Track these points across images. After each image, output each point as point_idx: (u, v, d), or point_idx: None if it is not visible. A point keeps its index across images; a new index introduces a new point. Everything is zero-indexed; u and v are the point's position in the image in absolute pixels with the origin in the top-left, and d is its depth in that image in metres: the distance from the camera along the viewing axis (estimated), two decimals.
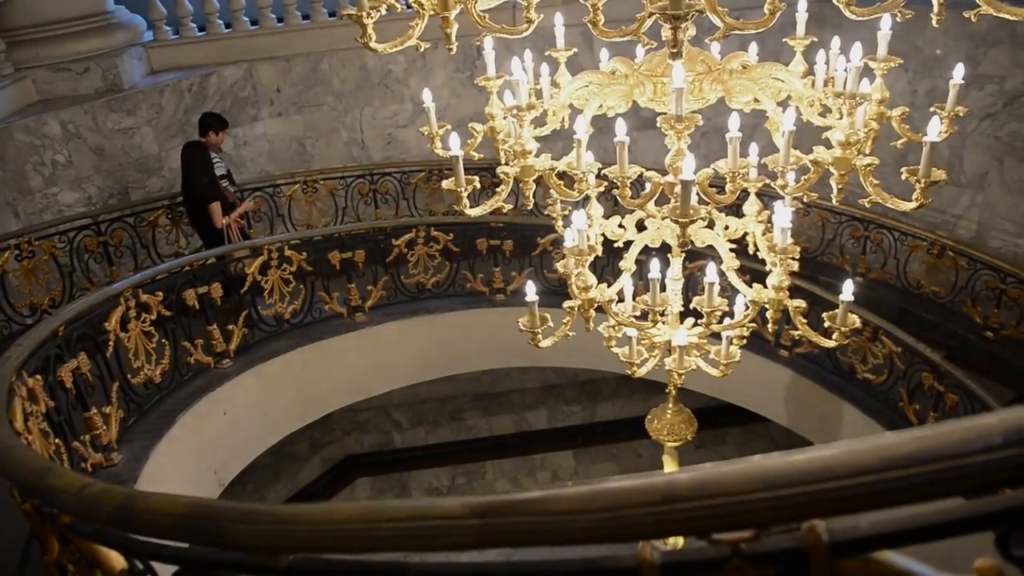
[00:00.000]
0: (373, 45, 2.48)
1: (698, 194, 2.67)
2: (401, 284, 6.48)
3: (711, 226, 3.01)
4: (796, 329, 3.07)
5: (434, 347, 6.68)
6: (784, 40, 2.82)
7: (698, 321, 3.18)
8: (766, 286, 2.87)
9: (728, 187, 2.52)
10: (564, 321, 3.23)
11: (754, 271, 2.99)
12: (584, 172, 2.66)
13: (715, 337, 3.26)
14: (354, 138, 8.54)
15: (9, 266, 6.28)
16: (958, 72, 2.46)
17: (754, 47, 2.81)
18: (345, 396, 6.51)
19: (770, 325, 3.01)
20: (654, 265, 2.91)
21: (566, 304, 3.20)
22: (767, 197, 3.08)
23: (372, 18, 2.44)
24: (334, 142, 8.52)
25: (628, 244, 3.14)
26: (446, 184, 2.77)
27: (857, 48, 2.36)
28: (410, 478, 9.24)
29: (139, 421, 4.86)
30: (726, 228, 3.04)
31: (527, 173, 2.79)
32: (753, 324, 3.14)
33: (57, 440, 3.81)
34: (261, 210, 7.78)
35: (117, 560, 1.63)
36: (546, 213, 3.26)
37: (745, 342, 3.42)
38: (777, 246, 2.73)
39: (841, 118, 2.56)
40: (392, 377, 6.69)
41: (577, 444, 9.49)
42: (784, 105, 2.62)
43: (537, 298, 3.09)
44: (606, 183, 2.79)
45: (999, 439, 0.75)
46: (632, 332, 3.40)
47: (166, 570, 1.50)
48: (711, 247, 3.01)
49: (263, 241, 5.85)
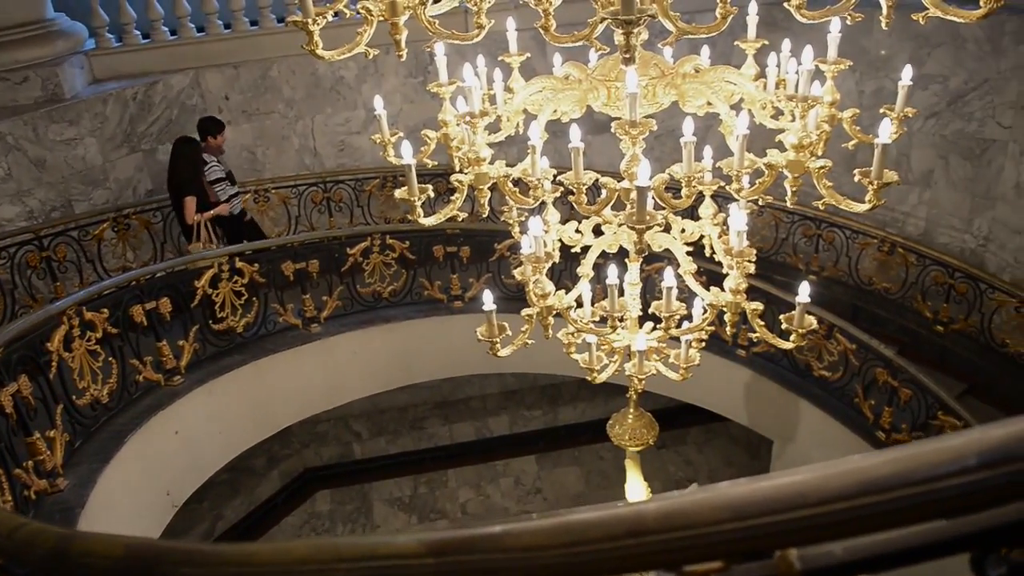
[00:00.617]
0: (320, 52, 2.42)
1: (654, 199, 2.66)
2: (357, 293, 6.38)
3: (667, 230, 3.00)
4: (754, 332, 3.08)
5: (392, 357, 6.59)
6: (735, 43, 2.82)
7: (657, 325, 3.18)
8: (723, 288, 2.87)
9: (684, 192, 2.50)
10: (523, 329, 3.20)
11: (711, 272, 3.00)
12: (539, 179, 2.62)
13: (674, 341, 3.26)
14: (306, 145, 8.41)
15: None
16: (906, 74, 2.48)
17: (706, 50, 2.80)
18: (302, 410, 6.39)
19: (728, 328, 3.01)
20: (612, 271, 2.90)
21: (524, 312, 3.16)
22: (722, 198, 3.08)
23: (319, 25, 2.37)
24: (285, 150, 8.37)
25: (585, 249, 3.12)
26: (399, 193, 2.71)
27: (808, 51, 2.37)
28: (371, 489, 9.12)
29: (86, 444, 4.69)
30: (682, 231, 3.04)
31: (481, 180, 2.75)
32: (711, 327, 3.14)
33: None
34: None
35: None
36: (503, 220, 3.21)
37: (704, 345, 3.42)
38: (733, 249, 2.73)
39: (794, 120, 2.57)
40: (350, 389, 6.59)
41: (539, 449, 9.46)
42: (737, 108, 2.62)
43: (495, 307, 3.04)
44: (562, 189, 2.76)
45: (973, 460, 0.72)
46: (591, 338, 3.38)
47: None
48: (668, 250, 3.00)
49: (213, 253, 5.71)
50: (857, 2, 2.12)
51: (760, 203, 2.83)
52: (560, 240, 3.13)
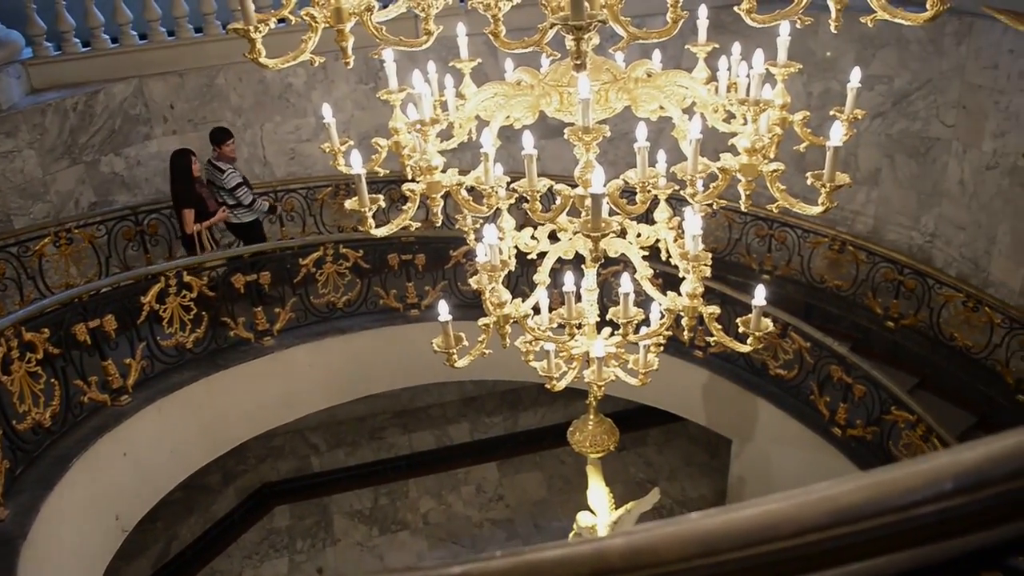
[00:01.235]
0: (263, 61, 2.35)
1: (609, 205, 2.63)
2: (311, 305, 6.26)
3: (623, 234, 2.99)
4: (711, 335, 3.08)
5: (349, 368, 6.48)
6: (686, 47, 2.82)
7: (615, 331, 3.15)
8: (680, 292, 2.86)
9: (639, 197, 2.48)
10: (480, 339, 3.15)
11: (668, 275, 2.99)
12: (493, 187, 2.58)
13: (633, 345, 3.24)
14: (255, 154, 8.24)
15: None
16: (855, 76, 2.49)
17: (657, 54, 2.79)
18: (256, 425, 6.25)
19: (686, 333, 3.00)
20: (568, 278, 2.87)
21: (481, 321, 3.12)
22: (676, 201, 3.08)
23: (261, 32, 2.30)
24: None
25: (542, 255, 3.09)
26: (349, 204, 2.65)
27: (759, 55, 2.37)
28: (331, 502, 8.95)
29: (28, 470, 4.51)
30: (638, 236, 3.02)
31: (434, 189, 2.70)
32: (669, 332, 3.13)
33: None
34: (158, 233, 7.41)
35: None
36: (457, 227, 3.16)
37: (662, 349, 3.42)
38: (689, 253, 2.71)
39: (746, 124, 2.57)
40: (306, 402, 6.46)
41: (500, 455, 9.39)
42: (690, 112, 2.61)
43: (450, 318, 2.99)
44: (516, 195, 2.71)
45: (949, 485, 0.69)
46: (550, 346, 3.35)
47: None
48: (624, 254, 2.98)
49: (158, 268, 5.55)
50: (807, 6, 2.11)
51: (714, 207, 2.83)
52: (516, 247, 3.09)
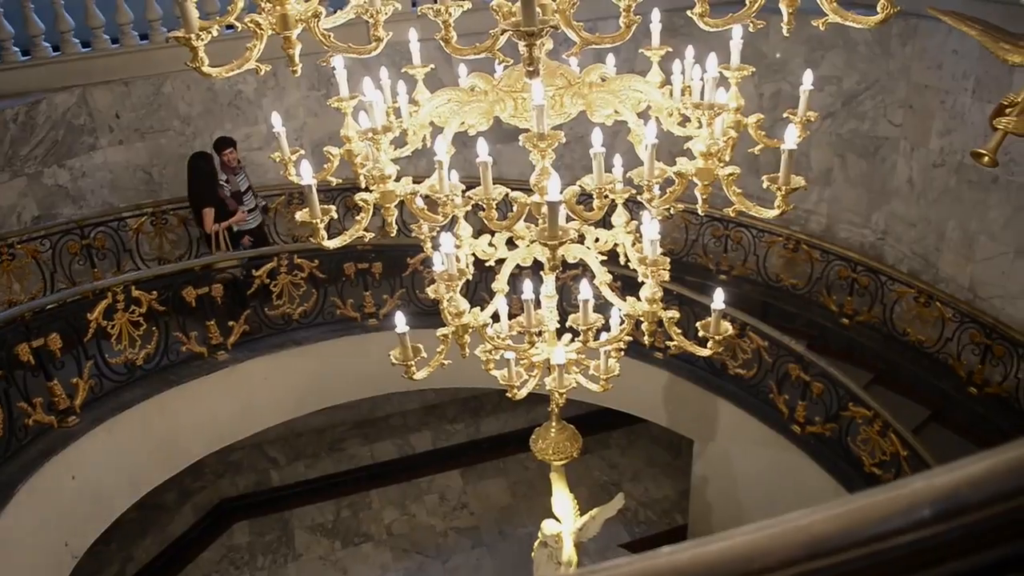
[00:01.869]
0: (206, 69, 2.28)
1: (566, 212, 2.61)
2: (265, 316, 6.14)
3: (581, 240, 2.96)
4: (671, 339, 3.07)
5: (306, 380, 6.36)
6: (640, 50, 2.80)
7: (575, 337, 3.13)
8: (639, 296, 2.84)
9: (596, 204, 2.45)
10: (438, 350, 3.10)
11: (627, 277, 2.97)
12: (448, 196, 2.53)
13: (594, 350, 3.22)
14: None
15: None
16: (807, 78, 2.50)
17: (611, 59, 2.78)
18: (212, 442, 6.10)
19: (646, 338, 2.98)
20: (527, 286, 2.84)
21: (439, 332, 3.07)
22: (633, 203, 3.06)
23: (203, 40, 2.23)
24: (183, 169, 7.96)
25: (500, 261, 3.05)
26: (300, 216, 2.58)
27: (712, 58, 2.36)
28: (292, 516, 8.79)
29: None
30: (596, 241, 3.00)
31: (387, 199, 2.64)
32: (629, 337, 3.11)
33: None
34: (105, 247, 7.20)
35: None
36: (413, 236, 3.11)
37: (623, 354, 3.40)
38: (647, 258, 2.70)
39: (701, 127, 2.56)
40: (263, 416, 6.33)
41: (464, 463, 9.32)
42: (645, 116, 2.59)
43: (407, 329, 2.94)
44: (472, 203, 2.67)
45: (927, 512, 0.66)
46: (510, 354, 3.31)
47: None
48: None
49: (105, 283, 5.37)
50: (759, 9, 2.11)
51: (672, 211, 2.82)
52: (473, 254, 3.05)
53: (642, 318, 2.87)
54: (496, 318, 3.16)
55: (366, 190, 2.69)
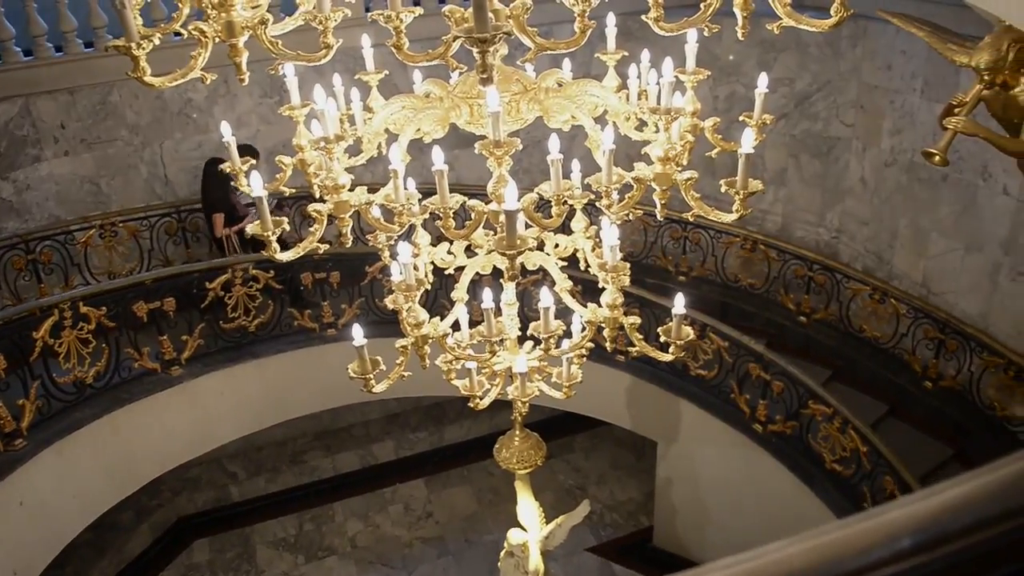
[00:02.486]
0: (148, 80, 2.20)
1: (525, 219, 2.57)
2: (221, 330, 5.99)
3: (541, 246, 2.93)
4: (633, 346, 3.05)
5: (265, 394, 6.24)
6: (596, 55, 2.79)
7: (537, 345, 3.10)
8: (600, 302, 2.82)
9: (554, 211, 2.42)
10: (398, 362, 3.04)
11: (588, 281, 2.96)
12: (403, 205, 2.47)
13: (556, 358, 3.19)
14: (156, 173, 7.87)
15: None
16: (762, 81, 2.50)
17: (567, 63, 2.75)
18: (168, 460, 5.93)
19: (608, 344, 2.96)
20: (487, 294, 2.80)
21: (398, 343, 3.01)
22: (592, 206, 3.04)
23: (144, 49, 2.15)
24: (133, 179, 7.80)
25: (460, 269, 3.01)
26: (251, 229, 2.51)
27: (668, 63, 2.35)
28: (253, 532, 8.60)
29: None
30: (556, 247, 2.98)
31: (342, 209, 2.58)
32: (591, 344, 3.09)
33: None
34: (52, 261, 6.98)
35: None
36: (370, 245, 3.05)
37: (585, 359, 3.38)
38: (607, 264, 2.68)
39: (658, 131, 2.55)
40: (221, 432, 6.19)
41: (427, 471, 9.22)
42: (602, 121, 2.57)
43: (365, 342, 2.87)
44: (429, 211, 2.62)
45: (907, 542, 0.63)
46: (472, 363, 3.27)
47: None
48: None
49: (52, 300, 5.19)
50: (713, 13, 2.09)
51: (631, 216, 2.80)
52: (432, 262, 3.00)
53: (603, 324, 2.85)
54: (457, 327, 3.11)
55: (320, 200, 2.63)
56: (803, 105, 7.56)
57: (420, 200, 2.62)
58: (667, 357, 3.00)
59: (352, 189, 2.63)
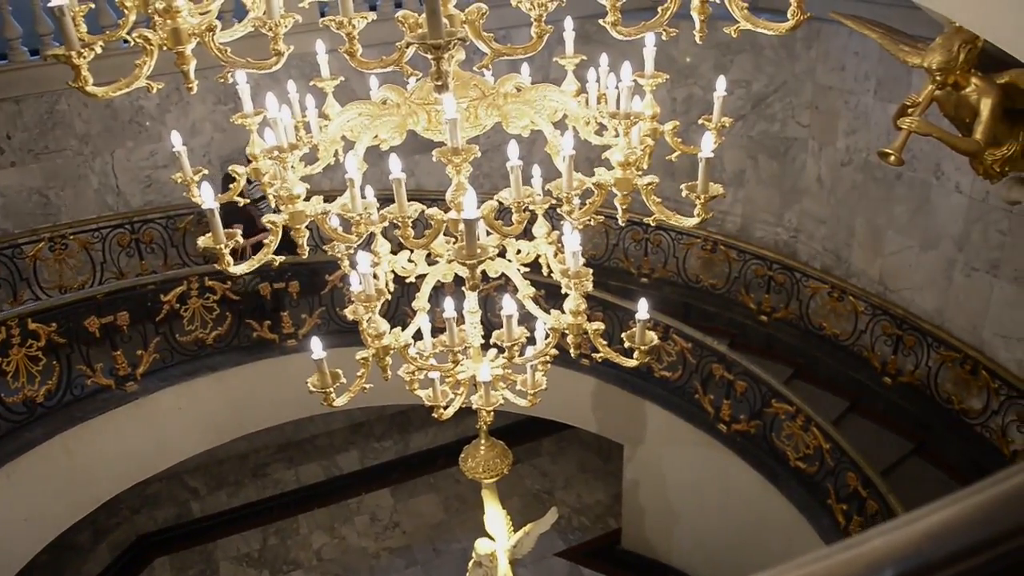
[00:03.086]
0: (90, 89, 2.13)
1: (485, 227, 2.54)
2: (177, 343, 5.85)
3: (503, 253, 2.90)
4: (597, 352, 3.03)
5: (224, 408, 6.10)
6: (554, 59, 2.76)
7: (501, 353, 3.06)
8: (563, 309, 2.79)
9: (515, 218, 2.38)
10: (359, 374, 2.97)
11: (550, 286, 2.93)
12: (361, 215, 2.42)
13: (521, 365, 3.16)
14: (107, 184, 7.67)
15: None
16: (720, 85, 2.50)
17: (526, 68, 2.72)
18: (124, 479, 5.77)
19: (572, 351, 2.93)
20: (448, 303, 2.75)
21: (359, 355, 2.95)
22: (553, 210, 3.02)
23: (86, 58, 2.08)
24: (83, 190, 7.60)
25: (421, 277, 2.96)
26: (202, 241, 2.43)
27: (627, 67, 2.33)
28: (216, 548, 8.42)
29: None
30: (518, 253, 2.94)
31: (297, 220, 2.52)
32: (556, 351, 3.06)
33: None
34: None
35: None
36: (329, 255, 2.99)
37: (549, 365, 3.36)
38: (570, 271, 2.65)
39: (618, 136, 2.53)
40: (179, 448, 6.04)
41: (393, 480, 9.12)
42: (561, 126, 2.55)
43: (324, 355, 2.81)
44: (388, 220, 2.56)
45: (889, 573, 0.59)
46: (435, 373, 3.22)
47: None
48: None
49: (1, 316, 5.02)
50: (671, 17, 2.08)
51: (592, 222, 2.78)
52: (393, 271, 2.95)
53: (567, 331, 2.82)
54: (419, 336, 3.07)
55: (275, 211, 2.57)
56: (760, 106, 7.63)
57: (378, 208, 2.57)
58: (631, 363, 2.98)
59: (309, 198, 2.57)
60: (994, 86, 4.17)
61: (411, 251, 2.91)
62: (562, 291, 2.74)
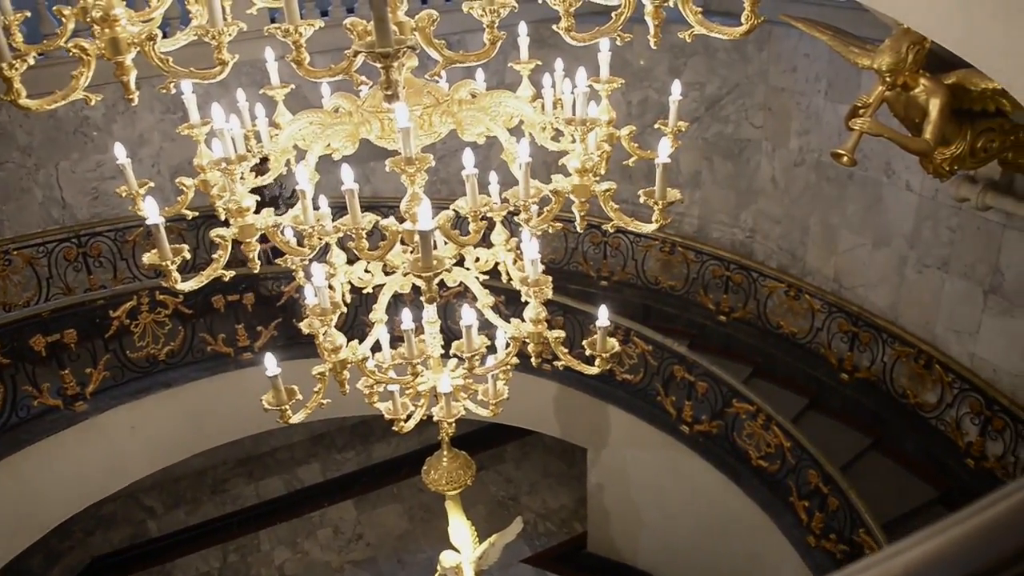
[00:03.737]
0: (24, 102, 2.05)
1: (442, 237, 2.49)
2: (128, 360, 5.68)
3: (461, 261, 2.85)
4: (558, 359, 2.99)
5: (179, 424, 5.95)
6: (509, 64, 2.72)
7: (461, 363, 3.01)
8: (523, 317, 2.75)
9: (472, 227, 2.34)
10: (315, 389, 2.90)
11: (510, 292, 2.89)
12: (313, 227, 2.35)
13: (482, 375, 3.11)
14: (52, 196, 7.44)
15: None
16: (675, 89, 2.48)
17: (480, 73, 2.68)
18: (76, 502, 5.59)
19: (533, 360, 2.90)
20: (406, 315, 2.70)
21: (315, 370, 2.88)
22: (511, 216, 2.98)
23: (18, 69, 1.99)
24: (27, 204, 7.36)
25: (379, 287, 2.90)
26: (148, 258, 2.34)
27: (582, 73, 2.30)
28: (174, 568, 8.20)
29: None
30: (476, 260, 2.90)
31: (247, 233, 2.45)
32: (516, 360, 3.02)
33: None
34: None
35: None
36: (283, 266, 2.91)
37: (511, 374, 3.32)
38: (529, 279, 2.61)
39: (574, 142, 2.50)
40: (133, 467, 5.87)
41: (356, 492, 9.00)
42: (518, 132, 2.51)
43: (279, 371, 2.73)
44: (342, 232, 2.50)
45: None
46: (395, 385, 3.16)
47: None
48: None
49: None
50: (625, 22, 2.05)
51: (550, 230, 2.75)
52: (350, 282, 2.89)
53: (528, 339, 2.78)
54: (378, 347, 3.01)
55: (225, 224, 2.49)
56: (714, 108, 7.69)
57: (333, 218, 2.51)
58: (593, 370, 2.95)
59: (259, 210, 2.50)
60: (942, 86, 4.24)
61: (367, 261, 2.85)
62: (522, 299, 2.70)
